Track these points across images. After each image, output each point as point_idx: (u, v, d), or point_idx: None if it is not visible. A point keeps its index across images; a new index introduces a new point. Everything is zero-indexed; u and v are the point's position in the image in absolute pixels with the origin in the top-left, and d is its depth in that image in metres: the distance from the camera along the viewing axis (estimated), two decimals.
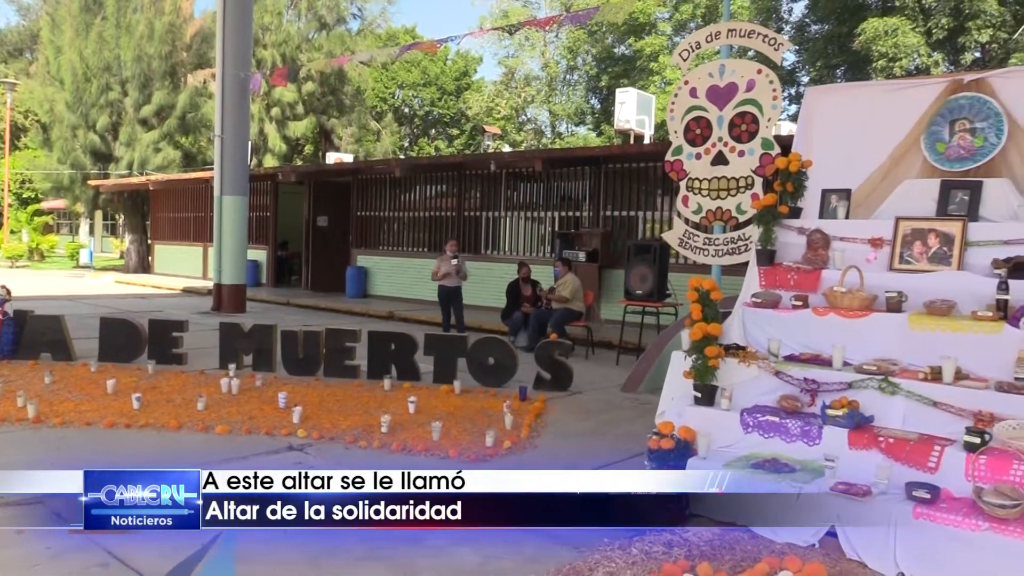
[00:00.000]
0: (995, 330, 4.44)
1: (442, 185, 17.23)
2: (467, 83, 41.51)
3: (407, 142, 42.01)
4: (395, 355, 8.22)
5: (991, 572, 3.55)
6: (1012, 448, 3.96)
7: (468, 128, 40.64)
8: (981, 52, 21.48)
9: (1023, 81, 5.41)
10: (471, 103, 39.81)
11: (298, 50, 31.20)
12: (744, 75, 7.44)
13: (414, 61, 39.34)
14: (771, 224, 5.66)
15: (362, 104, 35.02)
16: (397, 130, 39.43)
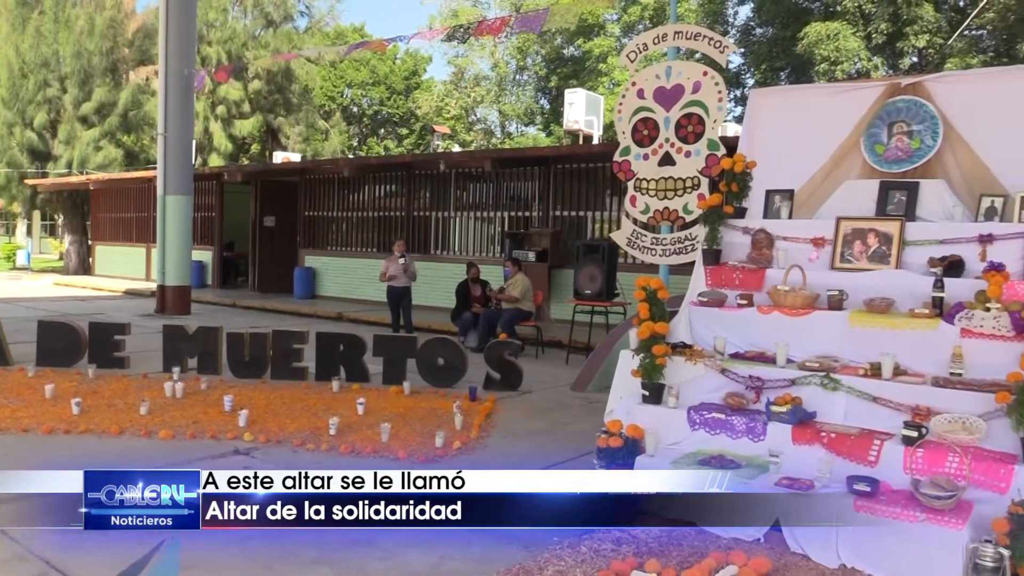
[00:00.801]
0: (931, 327, 4.57)
1: (391, 185, 17.12)
2: (416, 82, 41.29)
3: (356, 141, 41.65)
4: (344, 356, 8.16)
5: (928, 562, 3.65)
6: (947, 441, 4.08)
7: (417, 128, 40.44)
8: (918, 57, 22.07)
9: (957, 85, 5.58)
10: (420, 103, 39.61)
11: (244, 48, 30.68)
12: (690, 77, 7.53)
13: (363, 60, 39.01)
14: (717, 224, 5.75)
15: (310, 103, 34.60)
16: (346, 129, 39.07)
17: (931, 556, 3.64)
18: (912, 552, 3.70)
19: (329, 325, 12.89)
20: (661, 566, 3.71)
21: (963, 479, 3.87)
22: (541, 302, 11.72)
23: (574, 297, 10.56)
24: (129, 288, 19.40)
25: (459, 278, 12.24)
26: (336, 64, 38.46)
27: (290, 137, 32.42)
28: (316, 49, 30.20)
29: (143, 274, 21.78)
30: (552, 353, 10.76)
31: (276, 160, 24.45)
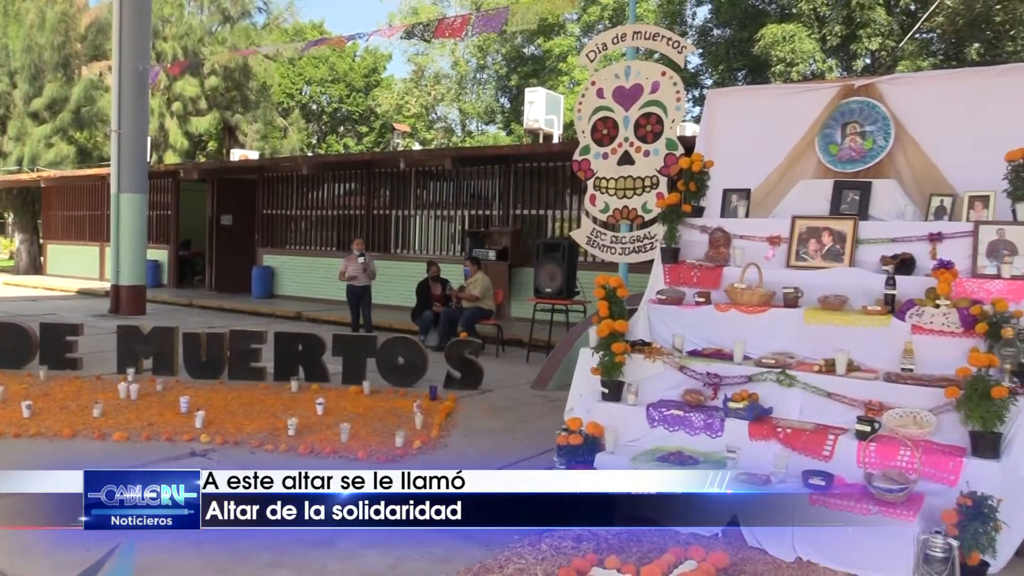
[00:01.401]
0: (883, 323, 4.67)
1: (351, 183, 16.99)
2: (376, 80, 40.99)
3: (315, 139, 41.23)
4: (302, 356, 8.08)
5: (881, 553, 3.72)
6: (899, 435, 4.17)
7: (377, 126, 40.14)
8: (871, 59, 22.47)
9: (908, 87, 5.71)
10: (380, 100, 39.33)
11: (200, 43, 30.21)
12: (649, 77, 7.60)
13: (322, 57, 38.61)
14: (675, 223, 5.81)
15: (268, 100, 34.20)
16: (304, 127, 38.66)
17: (884, 548, 3.72)
18: (866, 544, 3.77)
19: (288, 325, 12.77)
20: (621, 562, 3.73)
21: (914, 472, 3.96)
22: (501, 301, 11.73)
23: (534, 295, 10.58)
24: (82, 288, 19.01)
25: (419, 277, 12.20)
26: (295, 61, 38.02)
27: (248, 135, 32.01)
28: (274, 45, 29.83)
29: (97, 274, 21.36)
30: (513, 352, 10.77)
31: (233, 158, 24.13)
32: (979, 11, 20.65)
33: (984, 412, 3.95)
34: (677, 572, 3.65)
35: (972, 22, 20.96)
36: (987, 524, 3.58)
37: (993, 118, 5.21)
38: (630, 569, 3.68)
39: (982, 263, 4.73)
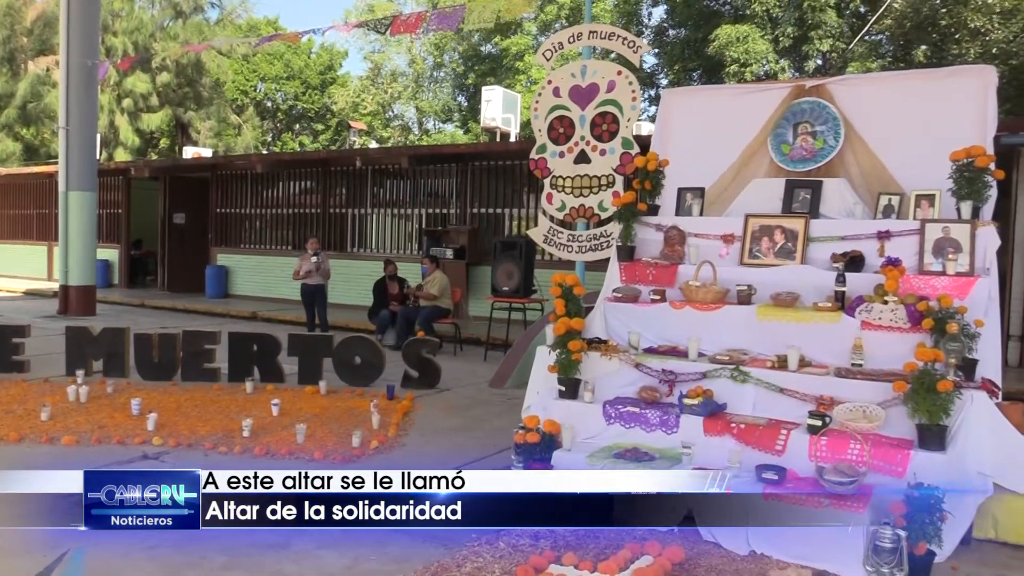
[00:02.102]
0: (834, 320, 4.76)
1: (307, 181, 16.82)
2: (332, 77, 40.60)
3: (270, 137, 40.72)
4: (257, 356, 7.98)
5: (832, 545, 3.79)
6: (849, 429, 4.25)
7: (333, 123, 39.77)
8: (822, 60, 22.87)
9: (858, 88, 5.82)
10: (336, 98, 38.95)
11: (151, 39, 29.68)
12: (605, 76, 7.65)
13: (277, 54, 38.16)
14: (631, 221, 5.85)
15: (221, 97, 33.72)
16: (259, 124, 38.19)
17: (835, 540, 3.79)
18: (817, 536, 3.84)
19: (242, 325, 12.61)
20: (578, 559, 3.75)
21: (864, 465, 4.04)
22: (459, 299, 11.71)
23: (492, 294, 10.58)
24: (30, 288, 18.54)
25: (376, 276, 12.15)
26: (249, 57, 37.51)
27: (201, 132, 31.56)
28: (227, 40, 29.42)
29: (45, 274, 20.84)
30: (470, 350, 10.76)
31: (186, 155, 23.75)
32: (926, 14, 21.13)
33: (930, 405, 4.06)
34: (634, 567, 3.69)
35: (919, 25, 21.44)
36: (933, 514, 3.66)
37: (938, 119, 5.33)
38: (587, 565, 3.71)
39: (928, 260, 4.84)
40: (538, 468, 4.51)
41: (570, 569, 3.68)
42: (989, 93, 5.28)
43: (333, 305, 12.32)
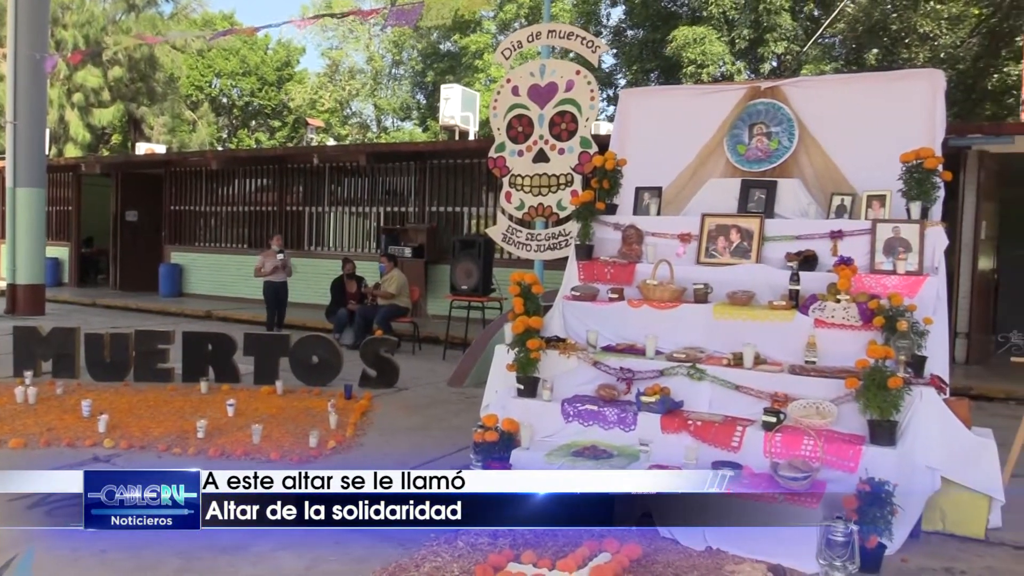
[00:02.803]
0: (788, 318, 4.83)
1: (263, 179, 16.62)
2: (289, 74, 40.11)
3: (225, 133, 40.12)
4: (212, 356, 7.87)
5: (787, 540, 3.84)
6: (803, 425, 4.32)
7: (291, 120, 39.30)
8: (777, 62, 23.21)
9: (811, 90, 5.92)
10: (293, 95, 38.49)
11: (103, 32, 29.04)
12: (564, 75, 7.67)
13: (232, 49, 37.60)
14: (589, 220, 5.88)
15: (176, 92, 33.13)
16: (214, 121, 37.59)
17: (789, 534, 3.84)
18: (773, 531, 3.89)
19: (197, 324, 12.43)
20: (537, 556, 3.76)
21: (817, 461, 4.11)
22: (417, 298, 11.68)
23: (450, 293, 10.56)
24: None
25: (334, 274, 12.06)
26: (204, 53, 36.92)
27: (154, 128, 30.97)
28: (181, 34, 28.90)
29: None
30: (429, 349, 10.72)
31: (139, 152, 23.28)
32: (877, 19, 21.56)
33: (881, 402, 4.14)
34: (592, 564, 3.70)
35: (871, 29, 21.87)
36: (884, 508, 3.74)
37: (889, 121, 5.44)
38: (546, 563, 3.71)
39: (879, 259, 4.93)
40: (496, 467, 4.51)
41: (529, 567, 3.69)
42: (938, 96, 5.41)
43: (290, 304, 12.20)
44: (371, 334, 9.03)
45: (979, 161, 9.99)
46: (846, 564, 3.64)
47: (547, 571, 3.66)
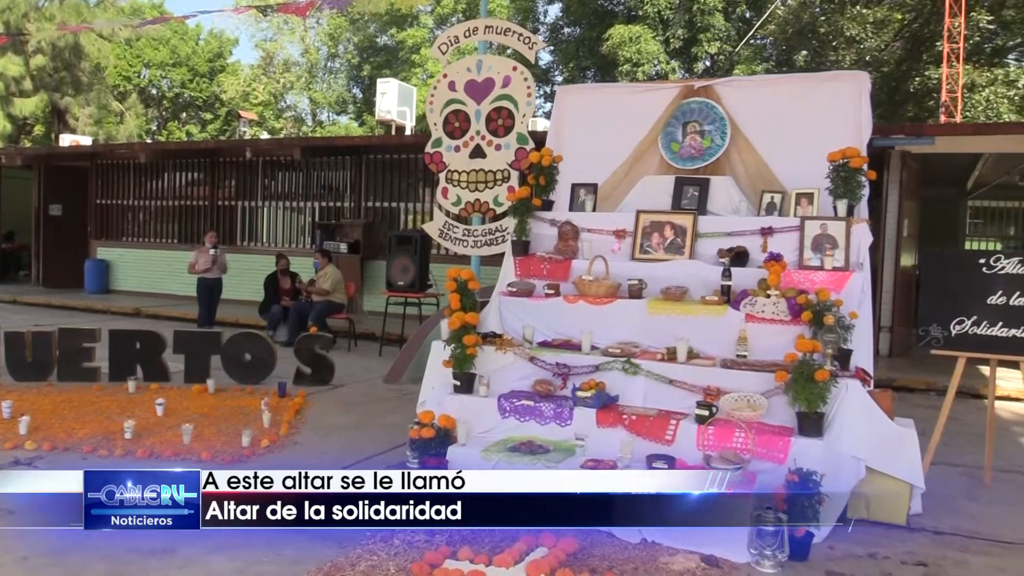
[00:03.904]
0: (720, 313, 4.92)
1: (194, 172, 16.23)
2: (221, 65, 39.22)
3: (155, 125, 39.07)
4: (141, 354, 7.66)
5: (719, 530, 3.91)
6: (734, 418, 4.41)
7: (223, 113, 38.46)
8: (711, 62, 23.63)
9: (743, 90, 6.04)
10: (226, 87, 37.66)
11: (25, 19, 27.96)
12: (501, 71, 7.68)
13: (162, 39, 36.60)
14: (525, 216, 5.90)
15: (102, 83, 32.10)
16: (143, 112, 36.55)
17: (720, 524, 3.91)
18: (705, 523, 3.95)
19: (125, 322, 12.08)
20: (474, 553, 3.76)
21: (748, 452, 4.20)
22: (353, 294, 11.55)
23: (387, 289, 10.49)
24: None
25: (268, 270, 11.86)
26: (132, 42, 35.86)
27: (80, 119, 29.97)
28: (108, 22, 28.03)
29: None
30: (365, 346, 10.63)
31: (63, 143, 22.49)
32: (806, 22, 22.11)
33: (809, 394, 4.25)
34: (529, 559, 3.71)
35: (800, 32, 22.42)
36: (812, 498, 3.84)
37: (817, 121, 5.59)
38: (483, 559, 3.71)
39: (807, 255, 5.06)
40: (433, 463, 4.50)
41: (466, 564, 3.68)
42: (863, 98, 5.57)
43: (223, 301, 11.95)
44: (306, 331, 8.90)
45: (902, 161, 10.32)
46: (775, 553, 3.74)
47: (484, 567, 3.66)
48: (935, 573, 3.82)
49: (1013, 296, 4.79)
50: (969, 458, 5.82)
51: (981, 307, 4.86)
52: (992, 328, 4.83)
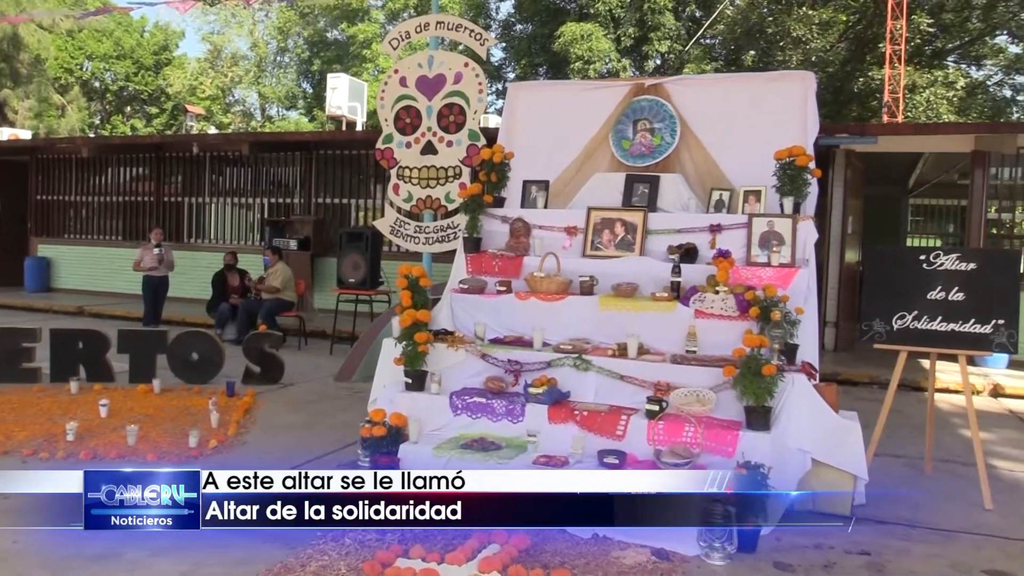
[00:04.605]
0: (670, 309, 4.97)
1: (139, 168, 15.88)
2: (167, 58, 38.42)
3: (98, 119, 38.13)
4: (84, 354, 7.49)
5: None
6: (684, 413, 4.46)
7: (169, 107, 37.68)
8: (661, 60, 23.83)
9: (693, 88, 6.11)
10: (172, 80, 36.89)
11: None
12: (452, 67, 7.65)
13: (106, 31, 35.75)
14: (477, 213, 5.89)
15: (43, 75, 31.27)
16: (86, 106, 35.69)
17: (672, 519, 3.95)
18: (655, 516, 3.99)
19: (67, 321, 11.79)
20: (426, 551, 3.74)
21: (697, 447, 4.26)
22: (303, 292, 11.43)
23: (338, 286, 10.39)
24: None
25: (215, 268, 11.67)
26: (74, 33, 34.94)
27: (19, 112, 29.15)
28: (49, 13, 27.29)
29: None
30: (316, 344, 10.51)
31: (2, 137, 21.85)
32: (754, 22, 22.43)
33: (756, 388, 4.31)
34: (481, 556, 3.71)
35: (748, 32, 22.73)
36: (759, 491, 3.90)
37: (764, 119, 5.68)
38: (435, 557, 3.70)
39: (755, 252, 5.14)
40: (384, 462, 4.46)
41: (417, 562, 3.67)
42: (809, 97, 5.68)
43: (170, 299, 11.73)
44: (255, 329, 8.77)
45: (846, 160, 10.54)
46: (724, 545, 3.80)
47: (436, 565, 3.65)
48: (877, 561, 3.91)
49: (952, 291, 4.92)
50: (910, 449, 5.98)
51: (921, 302, 4.98)
52: (932, 323, 4.96)
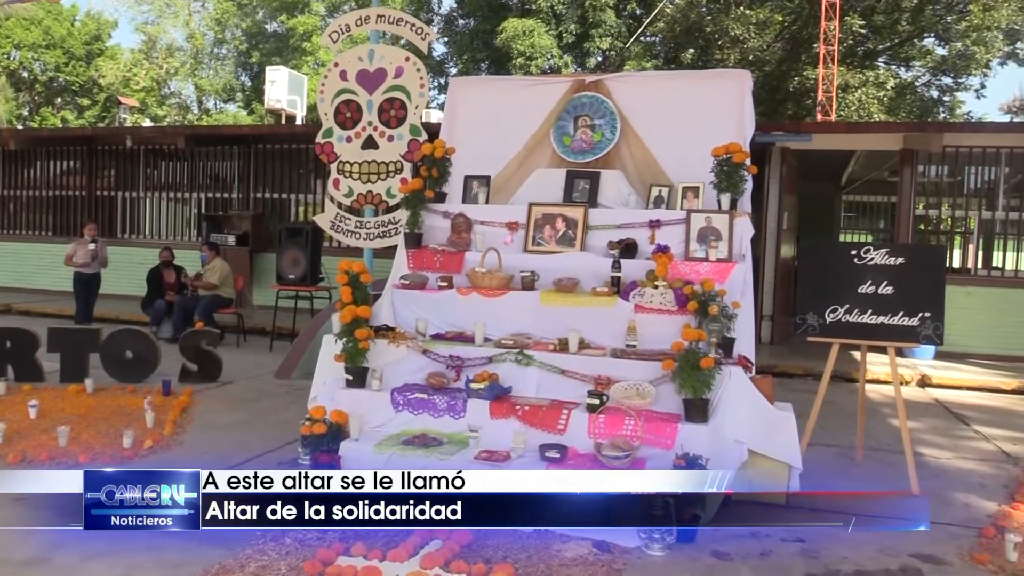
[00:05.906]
0: (610, 304, 5.02)
1: (70, 161, 15.40)
2: (100, 49, 37.28)
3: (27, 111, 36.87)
4: (11, 353, 7.25)
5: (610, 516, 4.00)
6: (624, 406, 4.51)
7: (101, 99, 36.62)
8: (602, 57, 24.00)
9: (632, 85, 6.18)
10: (105, 71, 35.82)
11: None
12: (393, 61, 7.60)
13: (34, 19, 34.54)
14: (418, 208, 5.87)
15: None
16: (13, 96, 34.45)
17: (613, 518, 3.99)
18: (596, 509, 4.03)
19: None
20: (367, 549, 3.72)
21: (637, 439, 4.31)
22: (242, 288, 11.23)
23: (277, 282, 10.25)
24: None
25: (150, 264, 11.39)
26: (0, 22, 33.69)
27: None
28: None
29: None
30: (255, 341, 10.35)
31: None
32: (693, 21, 22.76)
33: (694, 381, 4.39)
34: (423, 552, 3.71)
35: (687, 30, 23.05)
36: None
37: (703, 117, 5.78)
38: (376, 555, 3.69)
39: (693, 247, 5.22)
40: (325, 460, 4.43)
41: (359, 560, 3.65)
42: (746, 95, 5.79)
43: (103, 296, 11.42)
44: (192, 326, 8.60)
45: (782, 157, 10.77)
46: (664, 536, 3.86)
47: (378, 562, 3.63)
48: (811, 548, 4.02)
49: (881, 285, 5.06)
50: (843, 438, 6.16)
51: (853, 296, 5.12)
52: (863, 316, 5.10)
